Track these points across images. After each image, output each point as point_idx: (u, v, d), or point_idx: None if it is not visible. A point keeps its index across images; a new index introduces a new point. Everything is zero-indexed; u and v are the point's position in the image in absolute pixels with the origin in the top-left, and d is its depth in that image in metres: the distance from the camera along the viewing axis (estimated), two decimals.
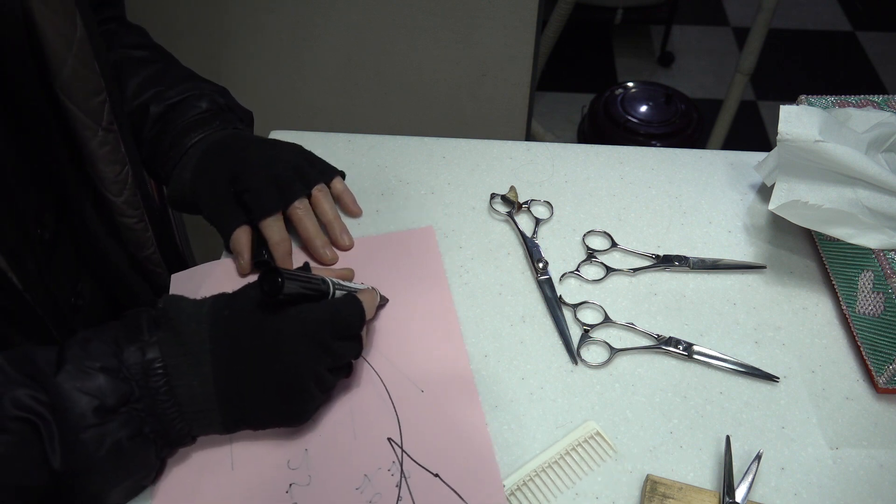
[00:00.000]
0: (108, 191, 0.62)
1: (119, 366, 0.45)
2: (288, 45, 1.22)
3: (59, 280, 0.58)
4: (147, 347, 0.47)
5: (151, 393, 0.46)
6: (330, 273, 0.57)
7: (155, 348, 0.47)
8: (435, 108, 1.29)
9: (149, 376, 0.46)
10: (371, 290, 0.58)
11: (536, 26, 1.14)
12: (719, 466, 0.53)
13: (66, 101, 0.56)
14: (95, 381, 0.44)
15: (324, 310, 0.51)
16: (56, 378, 0.43)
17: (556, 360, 0.59)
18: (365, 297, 0.54)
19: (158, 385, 0.46)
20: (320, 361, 0.50)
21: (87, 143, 0.59)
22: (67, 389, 0.43)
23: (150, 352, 0.47)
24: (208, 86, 0.71)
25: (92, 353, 0.45)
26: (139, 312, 0.49)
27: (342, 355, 0.52)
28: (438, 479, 0.51)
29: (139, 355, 0.46)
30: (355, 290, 0.56)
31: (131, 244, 0.67)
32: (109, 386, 0.44)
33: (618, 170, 0.75)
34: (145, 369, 0.46)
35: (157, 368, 0.46)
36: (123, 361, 0.46)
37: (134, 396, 0.45)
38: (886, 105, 0.70)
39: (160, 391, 0.46)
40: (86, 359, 0.45)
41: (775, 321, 0.62)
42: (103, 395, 0.44)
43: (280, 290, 0.48)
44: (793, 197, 0.61)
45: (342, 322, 0.51)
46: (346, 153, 0.77)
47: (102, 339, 0.47)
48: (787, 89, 2.39)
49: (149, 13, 0.79)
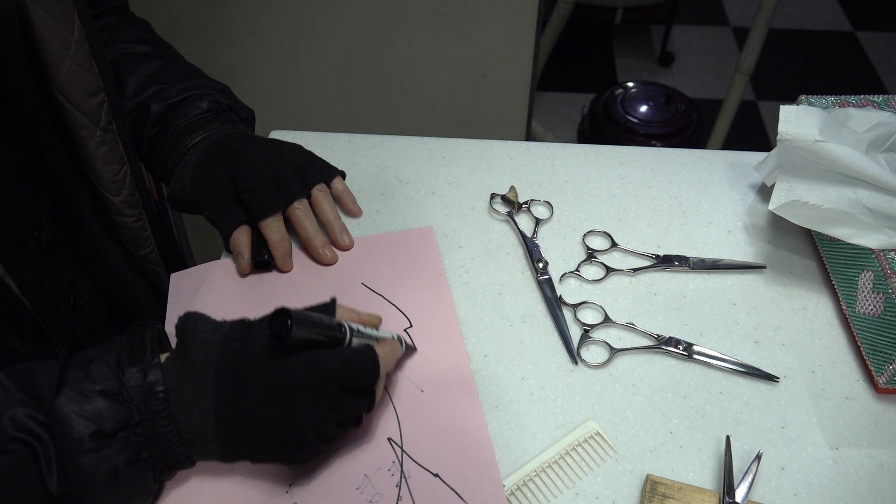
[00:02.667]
0: (107, 190, 0.62)
1: (119, 388, 0.44)
2: (288, 45, 1.22)
3: (58, 281, 0.58)
4: (149, 370, 0.46)
5: (151, 416, 0.45)
6: (354, 317, 0.53)
7: (157, 370, 0.46)
8: (435, 108, 1.29)
9: (149, 400, 0.45)
10: (394, 340, 0.54)
11: (536, 26, 1.14)
12: (719, 466, 0.53)
13: (64, 101, 0.56)
14: (94, 404, 0.43)
15: (335, 360, 0.48)
16: (55, 401, 0.43)
17: (556, 360, 0.59)
18: (385, 349, 0.51)
19: (158, 409, 0.45)
20: (324, 415, 0.47)
21: (85, 143, 0.58)
22: (66, 413, 0.42)
23: (151, 374, 0.45)
24: (210, 84, 0.71)
25: (92, 374, 0.44)
26: (145, 329, 0.48)
27: (349, 410, 0.49)
28: (438, 479, 0.51)
29: (140, 377, 0.45)
30: (377, 339, 0.52)
31: (129, 243, 0.67)
32: (108, 410, 0.43)
33: (618, 170, 0.75)
34: (146, 392, 0.45)
35: (159, 392, 0.45)
36: (124, 384, 0.45)
37: (133, 420, 0.44)
38: (886, 105, 0.70)
39: (160, 415, 0.45)
40: (85, 381, 0.44)
41: (775, 321, 0.62)
42: (101, 420, 0.43)
43: (287, 334, 0.44)
44: (793, 197, 0.61)
45: (353, 375, 0.48)
46: (346, 153, 0.77)
47: (104, 359, 0.46)
48: (787, 89, 2.39)
49: (148, 13, 0.78)
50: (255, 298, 0.63)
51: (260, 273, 0.64)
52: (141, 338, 0.47)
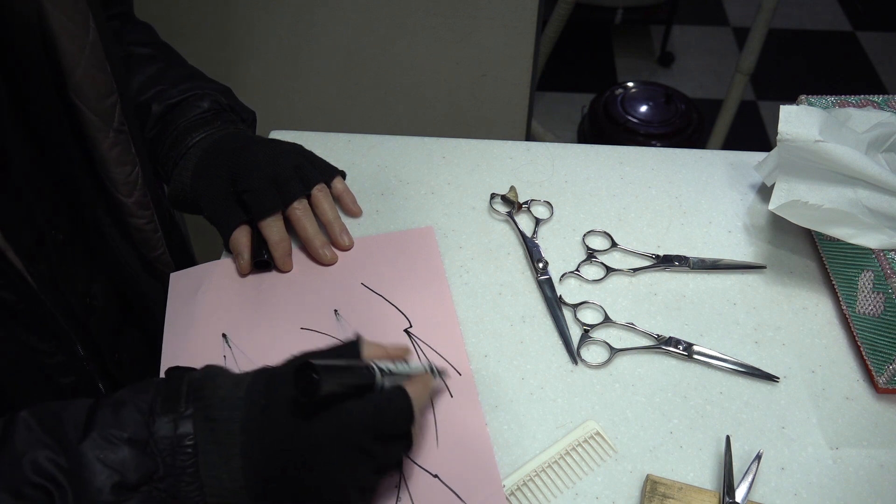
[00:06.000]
0: (119, 192, 0.62)
1: (148, 438, 0.42)
2: (288, 45, 1.22)
3: (73, 281, 0.58)
4: (181, 421, 0.43)
5: (177, 472, 0.42)
6: (381, 353, 0.50)
7: (188, 423, 0.43)
8: (435, 108, 1.29)
9: (177, 454, 0.42)
10: (426, 373, 0.51)
11: (536, 26, 1.14)
12: (719, 466, 0.53)
13: (79, 103, 0.56)
14: (120, 453, 0.41)
15: (365, 410, 0.45)
16: (80, 445, 0.41)
17: (556, 360, 0.59)
18: (416, 387, 0.49)
19: (185, 465, 0.42)
20: (361, 469, 0.45)
21: (99, 144, 0.59)
22: (90, 459, 0.41)
23: (182, 426, 0.43)
24: (211, 85, 0.71)
25: (122, 420, 0.42)
26: (182, 375, 0.46)
27: (387, 458, 0.47)
28: (438, 479, 0.51)
29: (171, 428, 0.43)
30: (407, 375, 0.49)
31: (142, 245, 0.67)
32: (134, 461, 0.41)
33: (618, 170, 0.75)
34: (174, 445, 0.42)
35: (188, 447, 0.43)
36: (153, 433, 0.42)
37: (158, 475, 0.42)
38: (886, 105, 0.70)
39: (186, 471, 0.42)
40: (114, 426, 0.42)
41: (775, 321, 0.62)
42: (125, 470, 0.41)
43: (317, 390, 0.41)
44: (793, 197, 0.61)
45: (387, 423, 0.46)
46: (346, 153, 0.77)
47: (136, 405, 0.44)
48: (787, 89, 2.39)
49: (149, 14, 0.79)
50: (255, 298, 0.63)
51: (260, 273, 0.64)
52: (177, 385, 0.45)
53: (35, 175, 0.54)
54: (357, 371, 0.45)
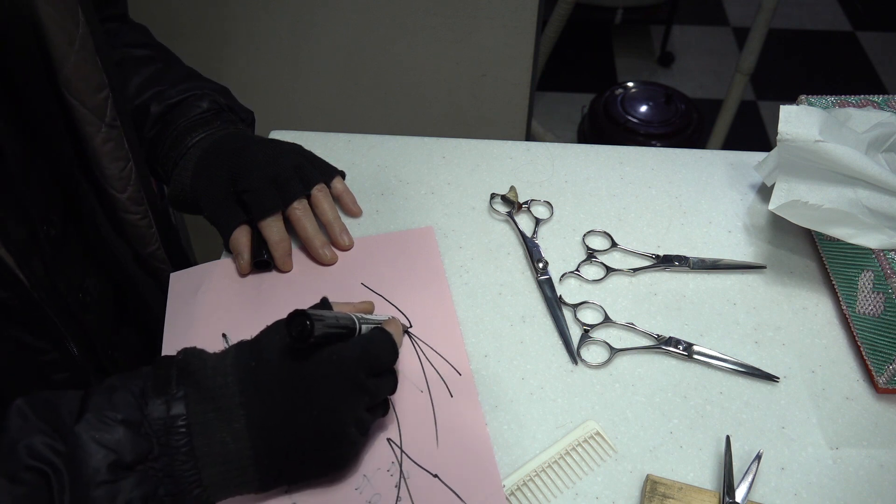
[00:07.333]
0: (112, 187, 0.62)
1: (142, 419, 0.43)
2: (288, 45, 1.22)
3: (67, 277, 0.58)
4: (172, 402, 0.44)
5: (171, 452, 0.43)
6: (350, 308, 0.54)
7: (180, 404, 0.44)
8: (435, 108, 1.29)
9: (170, 434, 0.43)
10: (394, 319, 0.56)
11: (536, 26, 1.14)
12: (719, 466, 0.53)
13: (70, 97, 0.56)
14: (115, 433, 0.42)
15: (355, 348, 0.48)
16: (75, 427, 0.41)
17: (556, 360, 0.59)
18: (392, 328, 0.52)
19: (179, 444, 0.43)
20: (358, 403, 0.48)
21: (91, 139, 0.59)
22: (85, 440, 0.41)
23: (174, 407, 0.44)
24: (209, 85, 0.71)
25: (115, 403, 0.43)
26: (170, 362, 0.47)
27: (378, 392, 0.49)
28: (438, 479, 0.51)
29: (163, 410, 0.44)
30: (379, 323, 0.54)
31: (135, 241, 0.67)
32: (128, 441, 0.42)
33: (618, 170, 0.75)
34: (167, 426, 0.44)
35: (181, 426, 0.44)
36: (147, 415, 0.43)
37: (152, 454, 0.43)
38: (886, 105, 0.70)
39: (180, 451, 0.43)
40: (108, 409, 0.43)
41: (775, 321, 0.62)
42: (121, 450, 0.42)
43: (310, 334, 0.45)
44: (793, 197, 0.61)
45: (375, 358, 0.49)
46: (346, 153, 0.77)
47: (129, 388, 0.44)
48: (787, 89, 2.39)
49: (148, 13, 0.79)
50: (255, 298, 0.63)
51: (260, 273, 0.64)
52: (167, 370, 0.46)
53: (28, 169, 0.54)
54: (341, 318, 0.49)
